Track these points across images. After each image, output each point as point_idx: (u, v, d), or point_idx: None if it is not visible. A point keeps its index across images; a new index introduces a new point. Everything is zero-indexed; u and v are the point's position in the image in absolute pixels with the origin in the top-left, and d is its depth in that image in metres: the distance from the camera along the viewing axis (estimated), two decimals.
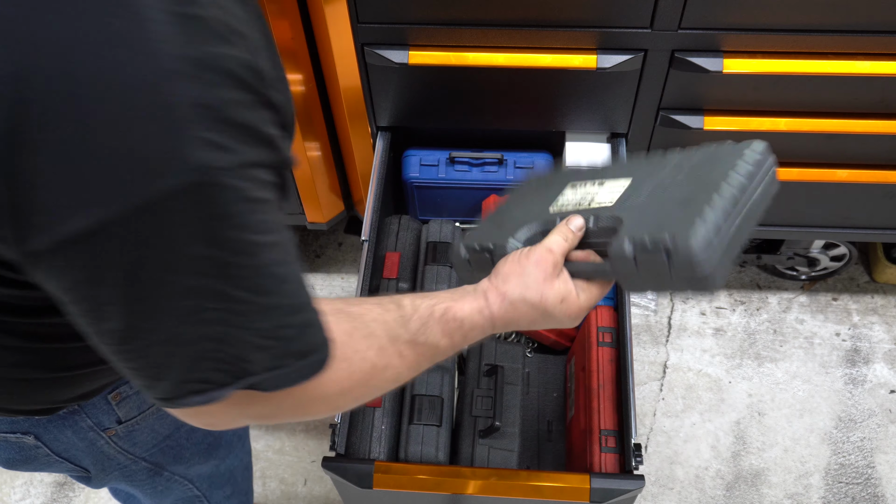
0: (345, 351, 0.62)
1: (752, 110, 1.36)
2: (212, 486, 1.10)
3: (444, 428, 1.10)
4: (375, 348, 0.66)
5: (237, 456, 1.10)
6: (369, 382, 0.66)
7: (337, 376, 0.62)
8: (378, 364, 0.65)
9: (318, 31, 1.34)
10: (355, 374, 0.64)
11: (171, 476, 1.02)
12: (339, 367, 0.62)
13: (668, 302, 1.94)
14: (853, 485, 1.67)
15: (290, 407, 0.62)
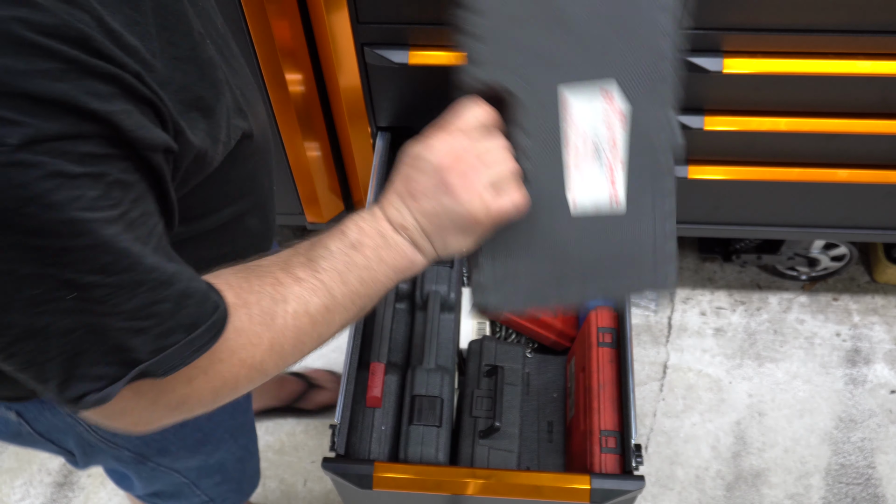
0: (240, 297, 0.60)
1: (752, 110, 1.36)
2: (200, 476, 1.10)
3: (444, 428, 1.10)
4: (270, 282, 0.62)
5: (228, 450, 1.09)
6: (275, 321, 0.61)
7: (241, 329, 0.59)
8: (277, 296, 0.61)
9: (318, 31, 1.34)
10: (256, 316, 0.60)
11: (156, 466, 1.01)
12: (239, 317, 0.59)
13: (669, 302, 1.94)
14: (853, 485, 1.66)
15: (207, 382, 0.59)
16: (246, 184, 0.78)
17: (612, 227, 0.73)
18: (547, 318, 1.28)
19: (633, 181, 0.72)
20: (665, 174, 0.74)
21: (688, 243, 2.04)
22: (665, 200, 0.74)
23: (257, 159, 0.79)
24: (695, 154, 1.45)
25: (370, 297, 0.67)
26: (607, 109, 0.69)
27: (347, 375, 1.09)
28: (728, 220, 1.59)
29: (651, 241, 0.75)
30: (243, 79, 0.78)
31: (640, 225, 0.74)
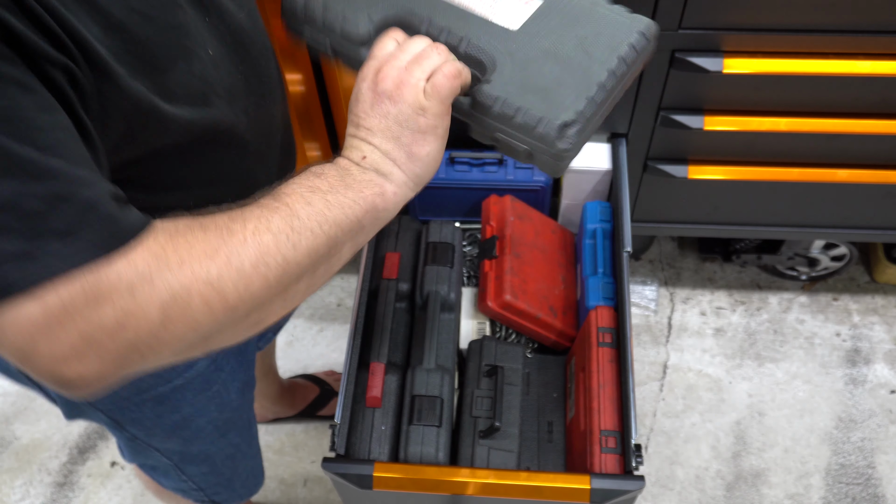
0: (194, 218, 0.57)
1: (752, 110, 1.36)
2: (184, 461, 1.10)
3: (444, 428, 1.10)
4: (229, 209, 0.60)
5: (214, 444, 1.09)
6: (232, 236, 0.57)
7: (192, 242, 0.55)
8: (236, 216, 0.59)
9: None
10: (211, 231, 0.57)
11: (133, 438, 1.01)
12: (193, 233, 0.56)
13: (669, 302, 1.94)
14: (853, 485, 1.66)
15: (152, 294, 0.52)
16: (222, 174, 0.77)
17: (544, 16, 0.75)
18: (547, 318, 1.28)
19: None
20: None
21: (688, 243, 2.04)
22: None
23: (245, 157, 0.78)
24: (695, 154, 1.45)
25: (340, 225, 0.63)
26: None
27: (347, 375, 1.09)
28: (728, 220, 1.59)
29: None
30: (257, 78, 0.78)
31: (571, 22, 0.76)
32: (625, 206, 1.28)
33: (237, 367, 1.04)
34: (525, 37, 0.73)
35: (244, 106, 0.75)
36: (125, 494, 1.69)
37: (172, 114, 0.64)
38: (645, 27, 0.75)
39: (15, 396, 1.84)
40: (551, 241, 1.39)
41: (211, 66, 0.69)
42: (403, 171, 0.68)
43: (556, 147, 0.69)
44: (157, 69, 0.62)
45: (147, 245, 0.54)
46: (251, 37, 0.78)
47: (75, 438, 1.77)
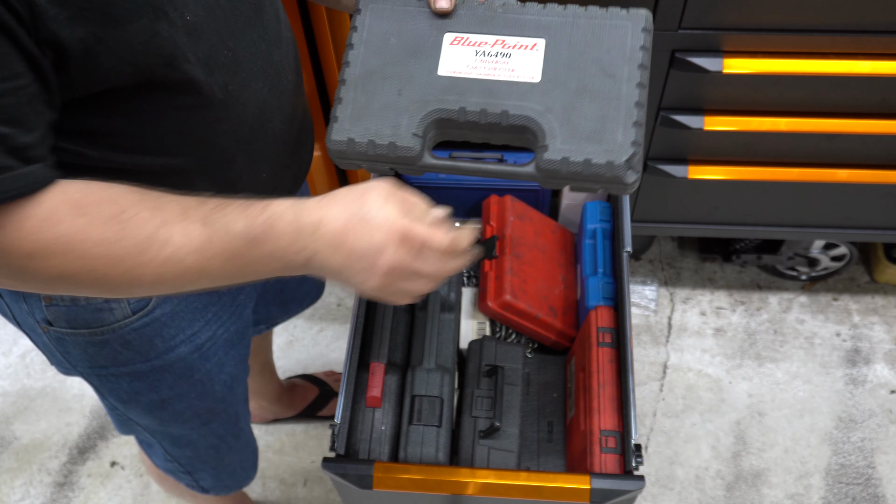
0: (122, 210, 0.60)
1: (752, 110, 1.36)
2: (165, 440, 1.10)
3: (444, 428, 1.10)
4: (161, 219, 0.62)
5: (196, 431, 1.09)
6: (145, 253, 0.61)
7: (101, 240, 0.60)
8: (161, 235, 0.62)
9: (318, 32, 1.34)
10: (129, 238, 0.61)
11: (113, 407, 1.02)
12: (111, 229, 0.60)
13: (669, 302, 1.94)
14: (854, 485, 1.66)
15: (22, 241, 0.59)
16: (193, 143, 0.77)
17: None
18: (547, 318, 1.28)
19: None
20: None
21: (688, 243, 2.04)
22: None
23: (223, 127, 0.77)
24: (695, 154, 1.45)
25: (237, 279, 0.67)
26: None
27: (347, 375, 1.09)
28: (728, 220, 1.60)
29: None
30: (256, 52, 0.77)
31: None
32: (625, 206, 1.28)
33: (226, 360, 1.04)
34: (551, 85, 0.76)
35: (225, 81, 0.74)
36: (125, 494, 1.69)
37: (113, 65, 0.64)
38: (644, 21, 0.77)
39: (15, 396, 1.84)
40: (551, 241, 1.39)
41: (184, 33, 0.68)
42: (315, 273, 0.69)
43: (628, 181, 0.74)
44: (109, 21, 0.61)
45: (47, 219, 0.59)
46: (260, 21, 0.78)
47: (75, 438, 1.77)
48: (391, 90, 0.78)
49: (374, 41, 0.79)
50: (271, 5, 0.81)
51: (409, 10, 0.80)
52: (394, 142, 0.76)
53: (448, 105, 0.77)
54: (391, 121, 0.77)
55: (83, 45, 0.60)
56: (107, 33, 0.61)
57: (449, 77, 0.78)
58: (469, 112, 0.76)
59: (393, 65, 0.78)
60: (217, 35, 0.72)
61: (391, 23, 0.79)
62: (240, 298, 1.01)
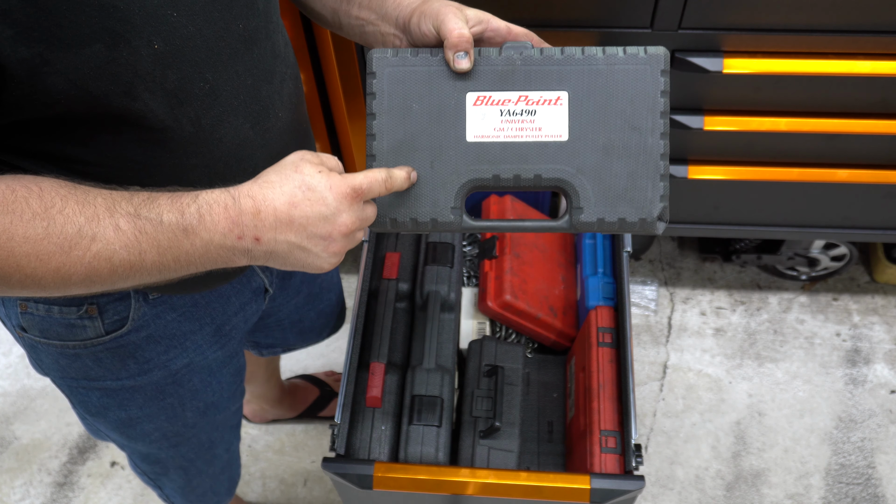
0: (44, 203, 0.59)
1: (752, 110, 1.36)
2: (134, 455, 1.10)
3: (444, 428, 1.10)
4: (90, 214, 0.60)
5: (164, 452, 1.08)
6: (72, 251, 0.60)
7: (28, 237, 0.58)
8: (87, 230, 0.60)
9: (318, 32, 1.34)
10: (54, 235, 0.59)
11: (84, 417, 1.01)
12: (35, 227, 0.58)
13: (669, 302, 1.94)
14: (853, 485, 1.66)
15: None
16: (162, 176, 0.74)
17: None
18: (547, 318, 1.28)
19: None
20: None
21: (688, 243, 2.04)
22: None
23: (193, 161, 0.75)
24: (695, 154, 1.45)
25: (177, 272, 0.66)
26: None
27: (347, 375, 1.09)
28: (728, 220, 1.59)
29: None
30: (242, 86, 0.74)
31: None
32: None
33: (202, 388, 1.01)
34: (579, 143, 0.77)
35: (197, 114, 0.72)
36: (125, 494, 1.69)
37: (62, 89, 0.61)
38: (663, 62, 0.77)
39: (15, 396, 1.84)
40: (551, 241, 1.39)
41: (149, 61, 0.65)
42: (260, 262, 0.68)
43: (658, 232, 0.78)
44: (58, 43, 0.59)
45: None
46: (249, 54, 0.75)
47: (75, 438, 1.77)
48: (424, 163, 0.78)
49: (396, 109, 0.78)
50: (267, 39, 0.78)
51: (428, 71, 0.78)
52: (435, 218, 0.78)
53: (482, 174, 0.78)
54: (429, 197, 0.78)
55: (27, 66, 0.58)
56: (54, 55, 0.59)
57: (478, 143, 0.78)
58: (503, 179, 0.78)
59: (420, 134, 0.78)
60: (193, 66, 0.69)
61: (410, 86, 0.78)
62: (225, 329, 0.99)
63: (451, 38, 0.74)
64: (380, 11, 0.81)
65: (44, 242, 0.59)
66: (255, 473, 1.71)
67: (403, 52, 0.78)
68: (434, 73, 0.78)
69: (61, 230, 0.59)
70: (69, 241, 0.60)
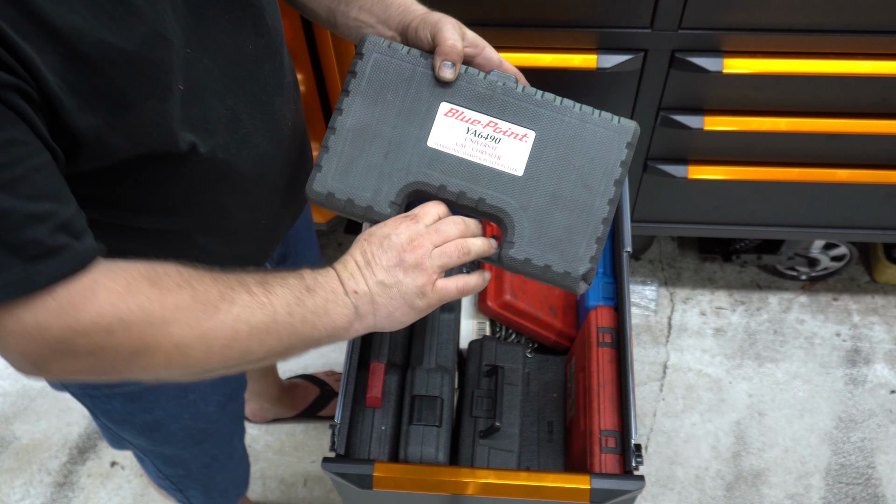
0: (186, 281, 0.60)
1: (752, 110, 1.36)
2: (157, 459, 1.10)
3: (444, 428, 1.10)
4: (224, 282, 0.63)
5: (189, 451, 1.09)
6: (216, 314, 0.62)
7: (179, 306, 0.60)
8: (226, 295, 0.63)
9: (318, 31, 1.34)
10: (199, 302, 0.61)
11: (106, 427, 1.01)
12: (181, 296, 0.60)
13: (669, 302, 1.94)
14: (853, 485, 1.66)
15: (26, 344, 0.57)
16: (194, 203, 0.77)
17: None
18: (547, 318, 1.28)
19: None
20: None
21: (688, 243, 2.04)
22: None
23: (222, 185, 0.77)
24: (695, 154, 1.45)
25: (302, 341, 0.69)
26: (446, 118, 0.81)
27: (347, 375, 1.09)
28: (728, 220, 1.59)
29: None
30: (256, 105, 0.76)
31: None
32: (625, 206, 1.28)
33: (219, 381, 1.03)
34: (531, 182, 0.78)
35: (225, 141, 0.74)
36: (125, 494, 1.69)
37: (123, 149, 0.63)
38: (631, 136, 0.79)
39: (15, 396, 1.84)
40: None
41: (179, 103, 0.67)
42: (375, 321, 0.73)
43: (579, 292, 0.79)
44: (120, 107, 0.60)
45: (127, 290, 0.58)
46: (262, 72, 0.76)
47: (75, 438, 1.77)
48: (378, 151, 0.78)
49: (370, 93, 0.79)
50: (276, 53, 0.80)
51: (412, 68, 0.79)
52: (371, 206, 0.78)
53: (430, 180, 0.78)
54: (373, 184, 0.78)
55: (94, 132, 0.60)
56: (117, 118, 0.61)
57: (436, 150, 0.78)
58: (448, 192, 0.78)
59: (384, 124, 0.78)
60: (214, 96, 0.70)
61: (392, 77, 0.79)
62: None
63: (443, 47, 0.76)
64: (382, 16, 0.82)
65: (192, 309, 0.61)
66: (255, 473, 1.71)
67: (396, 46, 0.79)
68: (418, 73, 0.79)
69: (205, 296, 0.62)
70: (213, 305, 0.62)
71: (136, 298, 0.59)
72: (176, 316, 0.61)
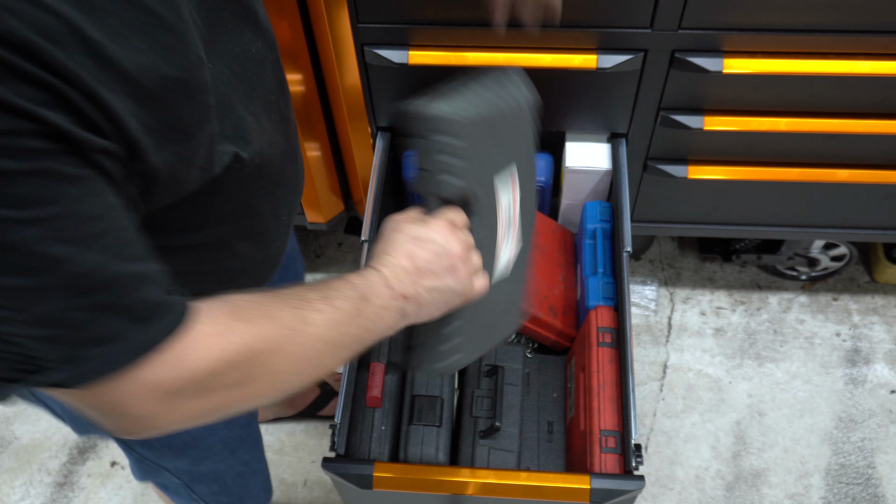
0: (265, 311, 0.61)
1: (752, 110, 1.36)
2: (194, 480, 1.09)
3: (444, 428, 1.10)
4: (293, 304, 0.64)
5: (224, 462, 1.08)
6: (297, 336, 0.64)
7: (268, 336, 0.60)
8: (300, 316, 0.64)
9: (318, 31, 1.34)
10: (282, 329, 0.63)
11: (142, 458, 1.01)
12: (265, 327, 0.60)
13: (669, 302, 1.94)
14: (854, 485, 1.66)
15: (142, 402, 0.57)
16: (235, 210, 0.77)
17: (503, 287, 0.88)
18: (547, 318, 1.28)
19: (515, 247, 0.91)
20: (528, 245, 0.92)
21: (688, 243, 2.04)
22: (526, 266, 0.93)
23: (257, 188, 0.78)
24: (695, 154, 1.45)
25: (361, 348, 0.71)
26: (513, 187, 0.88)
27: (347, 375, 1.09)
28: (728, 220, 1.59)
29: (518, 297, 0.94)
30: (268, 105, 0.77)
31: (516, 285, 0.93)
32: (625, 206, 1.28)
33: None
34: (491, 291, 0.83)
35: (259, 146, 0.75)
36: (125, 494, 1.69)
37: (193, 174, 0.64)
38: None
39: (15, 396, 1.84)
40: (551, 241, 1.39)
41: (217, 117, 0.67)
42: (416, 320, 0.76)
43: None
44: (183, 136, 0.60)
45: (223, 330, 0.60)
46: (266, 74, 0.77)
47: (75, 438, 1.77)
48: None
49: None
50: (272, 52, 0.80)
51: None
52: (442, 176, 0.82)
53: (478, 207, 0.83)
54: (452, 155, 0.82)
55: (169, 166, 0.60)
56: (185, 148, 0.61)
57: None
58: (473, 231, 0.82)
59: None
60: (240, 104, 0.71)
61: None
62: None
63: None
64: None
65: (278, 337, 0.63)
66: None
67: None
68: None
69: (284, 322, 0.64)
70: (293, 329, 0.64)
71: (232, 337, 0.60)
72: (269, 346, 0.62)
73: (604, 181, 1.40)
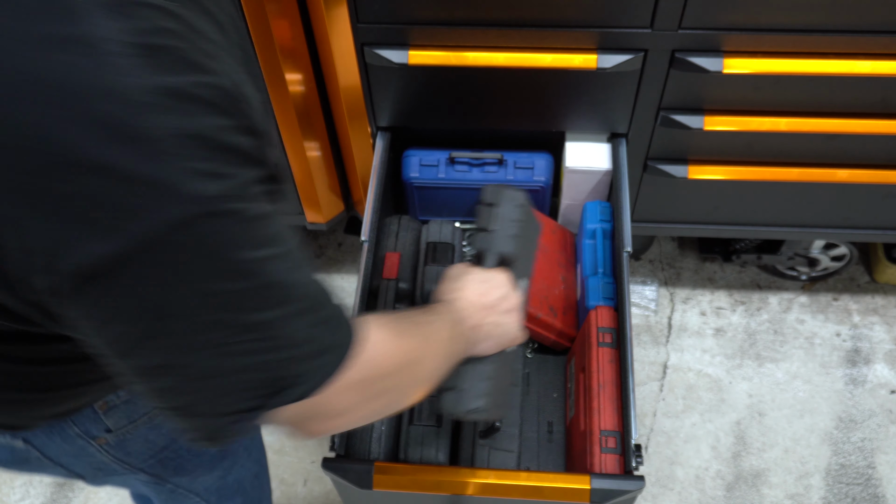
0: (377, 333, 0.65)
1: (752, 110, 1.36)
2: (221, 499, 1.09)
3: (443, 429, 1.10)
4: (416, 321, 0.72)
5: (244, 466, 1.08)
6: (428, 344, 0.72)
7: (370, 357, 0.64)
8: (423, 332, 0.72)
9: (318, 31, 1.34)
10: (419, 338, 0.71)
11: (175, 488, 1.01)
12: (377, 351, 0.64)
13: (669, 302, 1.94)
14: (854, 485, 1.66)
15: (346, 398, 0.62)
16: None
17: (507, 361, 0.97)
18: (547, 318, 1.28)
19: None
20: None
21: (688, 243, 2.04)
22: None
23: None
24: (695, 154, 1.45)
25: (452, 363, 0.80)
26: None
27: None
28: (728, 220, 1.59)
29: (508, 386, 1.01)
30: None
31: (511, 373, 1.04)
32: (625, 206, 1.28)
33: None
34: (511, 355, 0.95)
35: (273, 139, 0.76)
36: (125, 494, 1.69)
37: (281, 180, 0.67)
38: None
39: None
40: (551, 241, 1.39)
41: None
42: (475, 351, 0.86)
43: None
44: (270, 143, 0.62)
45: (391, 337, 0.67)
46: (253, 70, 0.78)
47: None
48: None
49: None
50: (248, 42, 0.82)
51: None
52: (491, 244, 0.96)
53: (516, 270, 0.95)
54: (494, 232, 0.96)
55: (271, 173, 0.61)
56: (265, 141, 0.62)
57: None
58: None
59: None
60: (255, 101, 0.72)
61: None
62: None
63: None
64: None
65: (421, 347, 0.71)
66: None
67: None
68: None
69: (420, 335, 0.72)
70: (427, 340, 0.73)
71: (398, 343, 0.67)
72: (418, 355, 0.70)
73: (604, 181, 1.40)
